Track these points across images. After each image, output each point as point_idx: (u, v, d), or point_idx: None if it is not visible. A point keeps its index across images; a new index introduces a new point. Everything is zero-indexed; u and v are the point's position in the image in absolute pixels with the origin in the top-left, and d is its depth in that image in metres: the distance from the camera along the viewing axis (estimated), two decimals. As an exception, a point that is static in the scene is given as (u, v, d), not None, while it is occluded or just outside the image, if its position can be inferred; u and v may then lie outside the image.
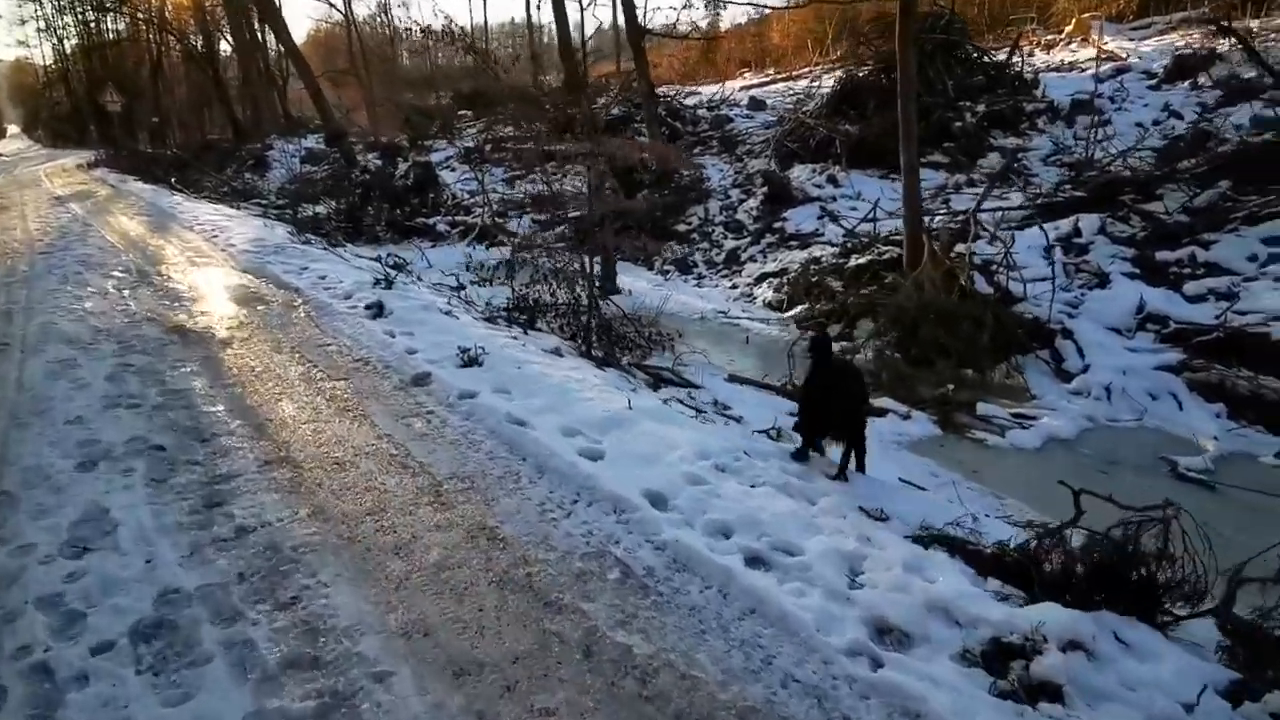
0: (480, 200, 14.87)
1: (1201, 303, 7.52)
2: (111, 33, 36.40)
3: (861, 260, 9.44)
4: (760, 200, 12.83)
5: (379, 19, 37.78)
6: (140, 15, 32.86)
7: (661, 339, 7.97)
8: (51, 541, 3.19)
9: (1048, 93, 13.72)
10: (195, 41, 31.77)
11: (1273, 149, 9.22)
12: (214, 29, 31.26)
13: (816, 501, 3.64)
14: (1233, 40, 12.50)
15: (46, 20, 39.39)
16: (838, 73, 15.99)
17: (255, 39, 29.66)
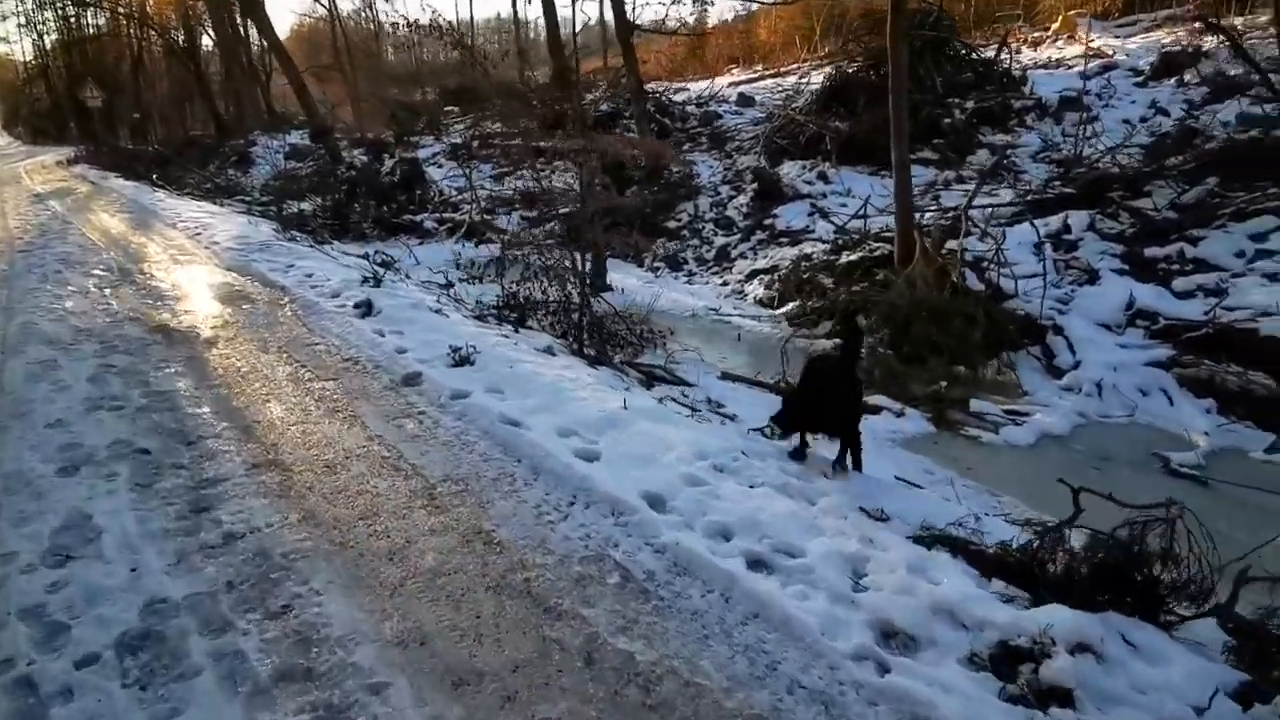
0: (468, 197, 14.74)
1: (1190, 299, 7.56)
2: (92, 28, 35.84)
3: (853, 257, 9.41)
4: (750, 197, 12.80)
5: (363, 13, 37.45)
6: (121, 10, 32.38)
7: (653, 337, 7.93)
8: (33, 549, 3.08)
9: (1036, 90, 13.77)
10: (177, 36, 31.42)
11: (1259, 145, 9.30)
12: (195, 23, 30.93)
13: (816, 502, 3.60)
14: (1219, 37, 12.59)
15: (27, 16, 38.78)
16: (827, 69, 15.96)
17: (237, 33, 29.27)
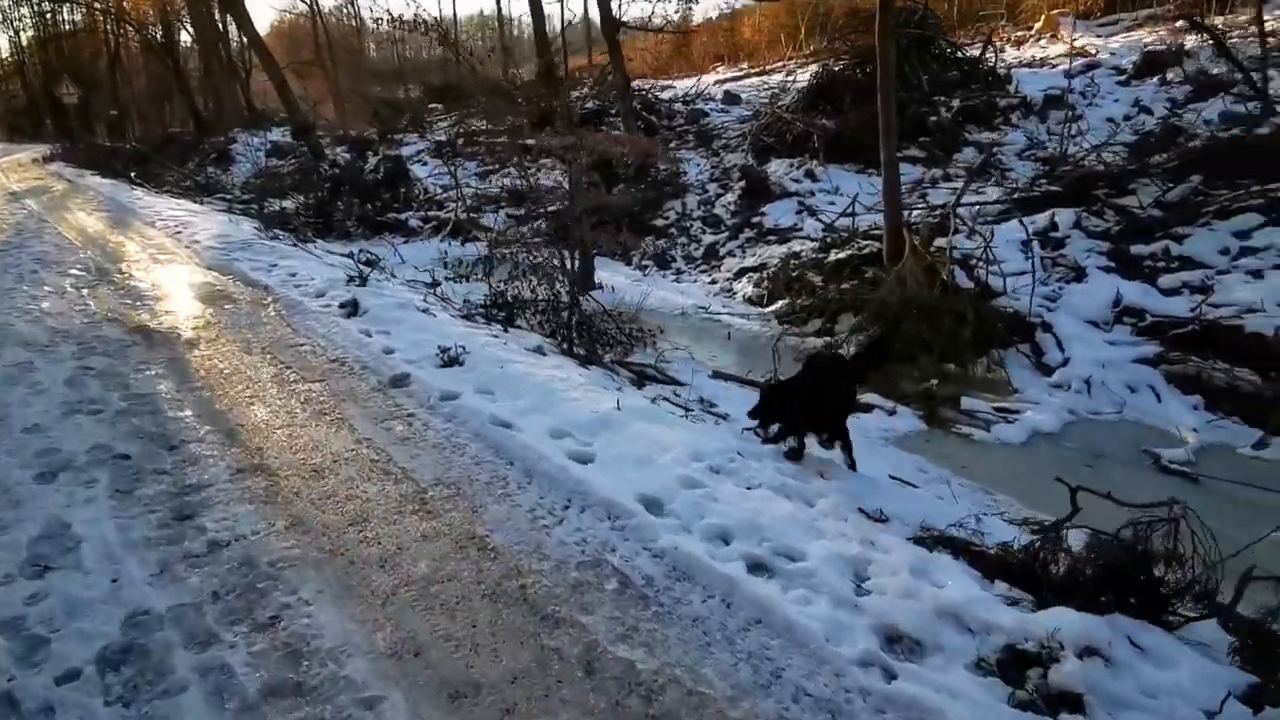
0: (453, 195, 14.59)
1: (1176, 296, 7.62)
2: (68, 23, 35.33)
3: (841, 255, 9.41)
4: (738, 195, 12.78)
5: (345, 9, 37.17)
6: (97, 6, 31.89)
7: (643, 335, 7.87)
8: (10, 560, 2.96)
9: (1020, 88, 13.88)
10: (154, 32, 30.95)
11: (1241, 144, 9.38)
12: (174, 19, 30.47)
13: (815, 503, 3.55)
14: (1201, 36, 12.72)
15: (3, 12, 38.05)
16: (813, 67, 15.99)
17: (217, 29, 28.86)
